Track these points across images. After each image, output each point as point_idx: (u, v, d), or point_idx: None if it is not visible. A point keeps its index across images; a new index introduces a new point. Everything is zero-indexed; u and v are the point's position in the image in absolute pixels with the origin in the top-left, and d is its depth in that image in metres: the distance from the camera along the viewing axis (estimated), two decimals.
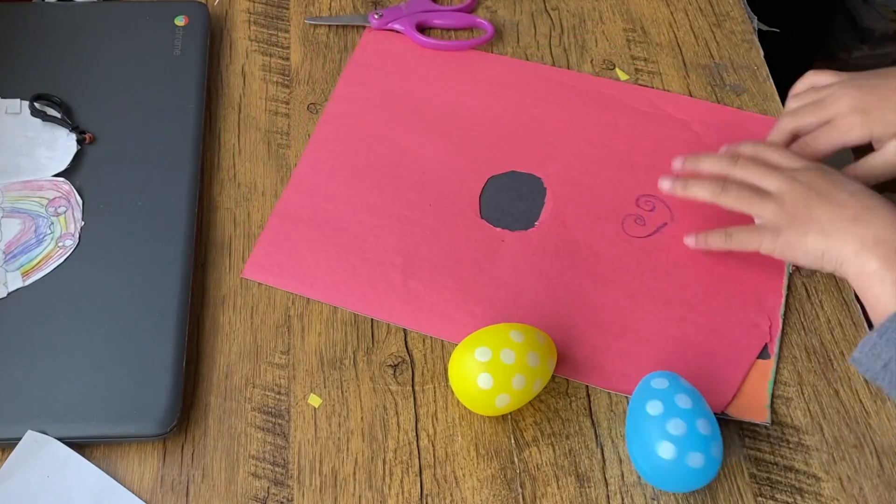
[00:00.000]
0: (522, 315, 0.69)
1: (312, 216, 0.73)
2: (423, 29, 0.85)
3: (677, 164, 0.73)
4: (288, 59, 0.83)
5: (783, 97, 0.84)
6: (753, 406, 0.66)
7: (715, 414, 0.64)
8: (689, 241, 0.71)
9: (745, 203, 0.68)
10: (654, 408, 0.60)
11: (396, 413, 0.65)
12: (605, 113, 0.81)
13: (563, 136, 0.79)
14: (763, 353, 0.68)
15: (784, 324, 0.70)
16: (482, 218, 0.74)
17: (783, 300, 0.70)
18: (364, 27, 0.85)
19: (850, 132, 0.70)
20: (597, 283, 0.71)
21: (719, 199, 0.69)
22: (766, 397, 0.66)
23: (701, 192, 0.70)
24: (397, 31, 0.85)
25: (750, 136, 0.77)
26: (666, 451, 0.59)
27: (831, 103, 0.71)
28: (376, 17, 0.85)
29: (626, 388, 0.66)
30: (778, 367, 0.68)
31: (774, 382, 0.67)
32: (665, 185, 0.72)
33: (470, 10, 0.87)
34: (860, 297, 0.63)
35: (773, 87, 0.83)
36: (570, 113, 0.81)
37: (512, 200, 0.75)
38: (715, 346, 0.68)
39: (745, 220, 0.69)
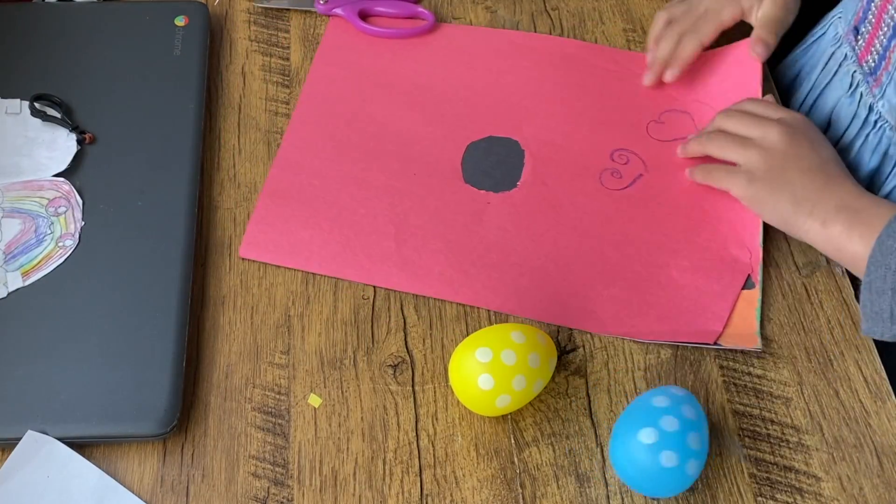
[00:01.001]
0: (514, 272, 0.71)
1: (301, 193, 0.75)
2: (365, 16, 0.86)
3: (689, 146, 0.77)
4: (288, 59, 0.83)
5: (783, 96, 0.84)
6: (744, 334, 0.68)
7: (708, 345, 0.68)
8: (682, 155, 0.77)
9: (727, 149, 0.73)
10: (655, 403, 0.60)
11: (396, 413, 0.65)
12: (574, 73, 0.83)
13: (536, 99, 0.81)
14: (748, 284, 0.71)
15: (784, 324, 0.70)
16: (466, 182, 0.76)
17: (760, 229, 0.72)
18: (311, 11, 0.86)
19: (722, 12, 0.80)
20: (582, 237, 0.73)
21: (706, 149, 0.74)
22: (755, 324, 0.69)
23: (692, 147, 0.76)
24: (339, 16, 0.86)
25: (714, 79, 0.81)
26: (646, 436, 0.59)
27: (698, 2, 0.81)
28: (321, 2, 0.86)
29: (620, 331, 0.69)
30: (764, 294, 0.71)
31: (762, 309, 0.70)
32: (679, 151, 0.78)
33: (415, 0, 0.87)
34: (838, 261, 0.69)
35: (774, 85, 0.83)
36: (540, 75, 0.83)
37: (492, 164, 0.77)
38: (700, 284, 0.71)
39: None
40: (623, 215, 0.74)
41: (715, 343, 0.68)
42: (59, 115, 0.75)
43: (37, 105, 0.75)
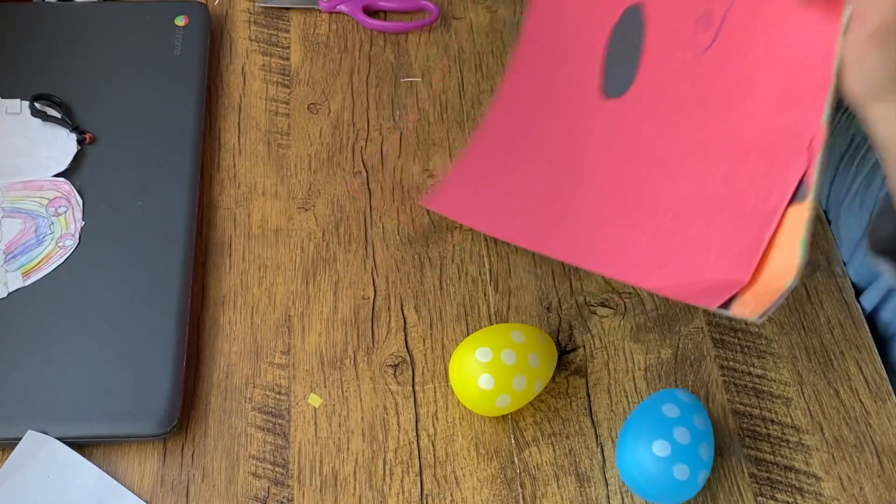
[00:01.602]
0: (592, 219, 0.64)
1: (494, 167, 0.74)
2: (370, 12, 0.86)
3: None
4: (288, 59, 0.83)
5: None
6: (770, 287, 0.47)
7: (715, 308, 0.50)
8: None
9: None
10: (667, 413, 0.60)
11: (397, 413, 0.65)
12: None
13: None
14: (798, 194, 0.47)
15: (784, 324, 0.70)
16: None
17: (828, 95, 0.46)
18: (316, 9, 0.86)
19: None
20: (661, 163, 0.60)
21: None
22: (797, 256, 0.46)
23: None
24: (345, 13, 0.86)
25: None
26: (659, 449, 0.58)
27: None
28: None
29: (654, 284, 0.57)
30: (816, 204, 0.47)
31: (810, 232, 0.46)
32: None
33: None
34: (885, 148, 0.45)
35: None
36: None
37: (619, 60, 0.67)
38: (744, 201, 0.51)
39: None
40: (701, 105, 0.57)
41: (726, 305, 0.48)
42: (59, 115, 0.75)
43: (37, 105, 0.75)
